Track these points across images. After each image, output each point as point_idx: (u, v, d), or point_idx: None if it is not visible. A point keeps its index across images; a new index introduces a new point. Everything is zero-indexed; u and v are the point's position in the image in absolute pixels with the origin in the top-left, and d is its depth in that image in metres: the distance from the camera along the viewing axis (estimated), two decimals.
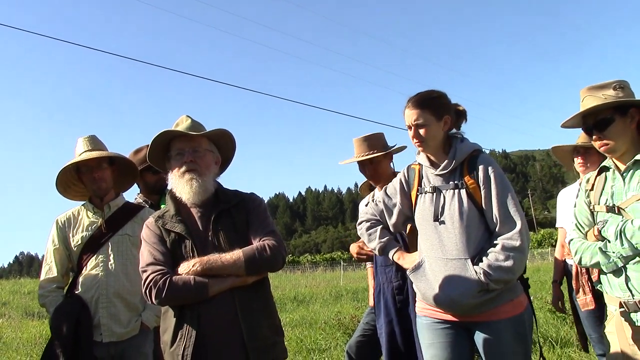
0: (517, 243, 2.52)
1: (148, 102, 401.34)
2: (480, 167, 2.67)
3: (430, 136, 2.73)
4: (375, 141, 3.79)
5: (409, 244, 3.03)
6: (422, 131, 2.72)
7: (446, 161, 2.74)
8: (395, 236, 3.14)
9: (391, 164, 3.86)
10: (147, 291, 2.32)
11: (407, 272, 2.82)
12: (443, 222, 2.66)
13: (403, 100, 2.81)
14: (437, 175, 2.77)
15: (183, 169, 2.51)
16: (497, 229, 2.59)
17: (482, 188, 2.63)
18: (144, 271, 2.37)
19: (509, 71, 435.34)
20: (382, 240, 2.93)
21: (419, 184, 2.85)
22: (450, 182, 2.72)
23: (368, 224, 3.01)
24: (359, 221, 3.09)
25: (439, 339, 2.70)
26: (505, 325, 2.56)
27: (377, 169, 3.75)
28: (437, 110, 2.73)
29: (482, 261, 2.55)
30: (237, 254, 2.36)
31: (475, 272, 2.52)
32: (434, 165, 2.81)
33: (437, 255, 2.67)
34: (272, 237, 2.47)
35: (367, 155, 3.73)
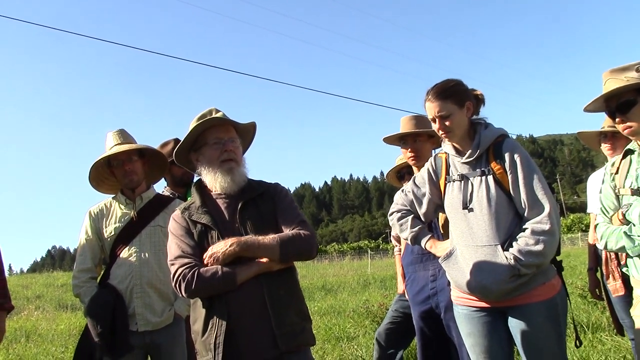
0: (547, 226, 2.50)
1: (175, 95, 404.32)
2: (506, 153, 2.66)
3: (456, 125, 2.71)
4: (423, 121, 3.80)
5: (443, 232, 3.03)
6: (447, 122, 2.70)
7: (471, 149, 2.74)
8: (429, 225, 3.15)
9: (433, 151, 3.86)
10: (177, 285, 2.34)
11: (440, 260, 2.83)
12: (472, 210, 2.67)
13: (424, 86, 2.80)
14: (463, 163, 2.77)
15: (223, 157, 2.52)
16: (526, 214, 2.58)
17: (509, 173, 2.62)
18: (172, 264, 2.40)
19: (535, 54, 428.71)
20: (414, 229, 2.94)
21: (447, 173, 2.84)
22: (477, 170, 2.71)
23: (399, 214, 3.01)
24: (390, 212, 3.10)
25: (477, 328, 2.72)
26: (537, 309, 2.56)
27: (420, 148, 3.73)
28: (458, 98, 2.72)
29: (512, 246, 2.55)
30: (273, 237, 2.38)
31: (506, 257, 2.52)
32: (459, 153, 2.80)
33: (468, 243, 2.68)
34: (304, 227, 2.49)
35: (414, 130, 3.74)
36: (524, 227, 2.57)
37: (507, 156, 2.64)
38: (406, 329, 4.04)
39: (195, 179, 2.77)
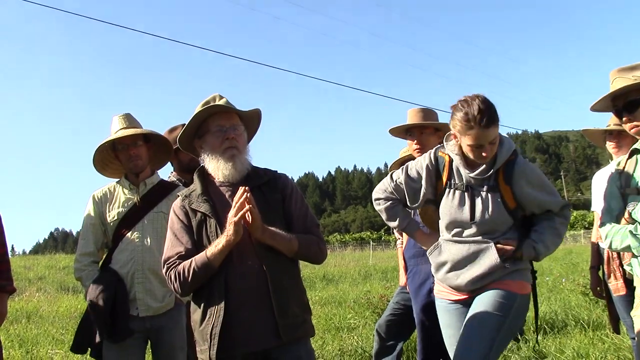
0: (562, 231, 2.71)
1: (184, 82, 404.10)
2: (517, 174, 2.69)
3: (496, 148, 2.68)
4: (429, 114, 3.83)
5: (424, 222, 3.04)
6: (494, 147, 2.65)
7: (485, 166, 2.70)
8: (413, 215, 3.18)
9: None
10: (171, 287, 2.41)
11: (427, 253, 2.89)
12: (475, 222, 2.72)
13: (424, 78, 2.78)
14: (472, 176, 2.73)
15: (225, 145, 2.49)
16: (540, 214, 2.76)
17: (518, 195, 2.68)
18: (163, 265, 2.43)
19: (543, 50, 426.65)
20: (403, 219, 2.97)
21: (449, 177, 2.81)
22: (485, 185, 2.71)
23: (388, 202, 3.00)
24: (375, 197, 3.07)
25: (454, 320, 2.81)
26: (496, 291, 2.64)
27: (425, 140, 3.75)
28: (499, 120, 2.65)
29: (530, 232, 2.70)
30: (293, 235, 2.45)
31: (493, 255, 2.62)
32: (470, 166, 2.75)
33: (457, 239, 2.75)
34: (319, 233, 2.58)
35: (422, 122, 3.77)
36: (547, 219, 2.73)
37: (518, 178, 2.68)
38: (407, 321, 4.05)
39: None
